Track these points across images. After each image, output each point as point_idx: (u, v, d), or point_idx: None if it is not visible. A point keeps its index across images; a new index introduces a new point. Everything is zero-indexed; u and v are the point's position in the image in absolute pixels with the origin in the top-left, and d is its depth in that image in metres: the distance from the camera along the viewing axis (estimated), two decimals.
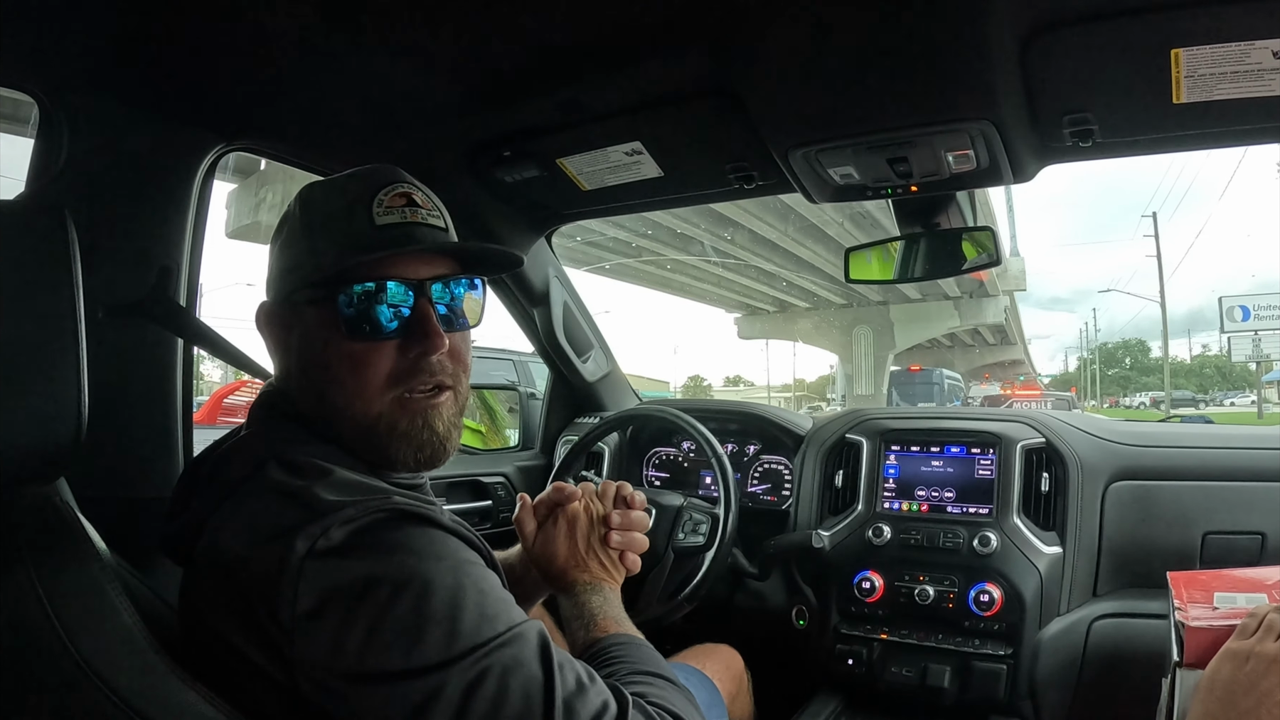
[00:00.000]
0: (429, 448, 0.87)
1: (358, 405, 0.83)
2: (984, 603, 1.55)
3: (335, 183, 0.89)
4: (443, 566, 0.72)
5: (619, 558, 1.09)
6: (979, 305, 33.35)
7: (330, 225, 0.85)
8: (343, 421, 0.84)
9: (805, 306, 38.12)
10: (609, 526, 1.09)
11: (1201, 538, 1.55)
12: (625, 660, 0.90)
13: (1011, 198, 34.98)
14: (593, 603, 1.01)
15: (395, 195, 0.86)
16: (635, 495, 1.14)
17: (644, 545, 1.12)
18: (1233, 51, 1.12)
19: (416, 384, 0.85)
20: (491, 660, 0.70)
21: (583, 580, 1.05)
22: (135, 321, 1.28)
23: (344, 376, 0.83)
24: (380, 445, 0.85)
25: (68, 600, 0.67)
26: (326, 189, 0.88)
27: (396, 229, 0.85)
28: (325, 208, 0.86)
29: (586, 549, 1.08)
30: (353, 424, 0.84)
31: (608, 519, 1.09)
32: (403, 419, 0.85)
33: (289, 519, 0.72)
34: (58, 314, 0.68)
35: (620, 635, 0.96)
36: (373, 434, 0.84)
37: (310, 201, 0.87)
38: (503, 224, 1.91)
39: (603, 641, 0.94)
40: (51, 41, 1.08)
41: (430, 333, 0.84)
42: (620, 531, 1.09)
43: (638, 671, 0.87)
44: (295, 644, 0.68)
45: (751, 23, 1.14)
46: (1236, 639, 0.86)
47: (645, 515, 1.14)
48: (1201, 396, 52.26)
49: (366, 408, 0.84)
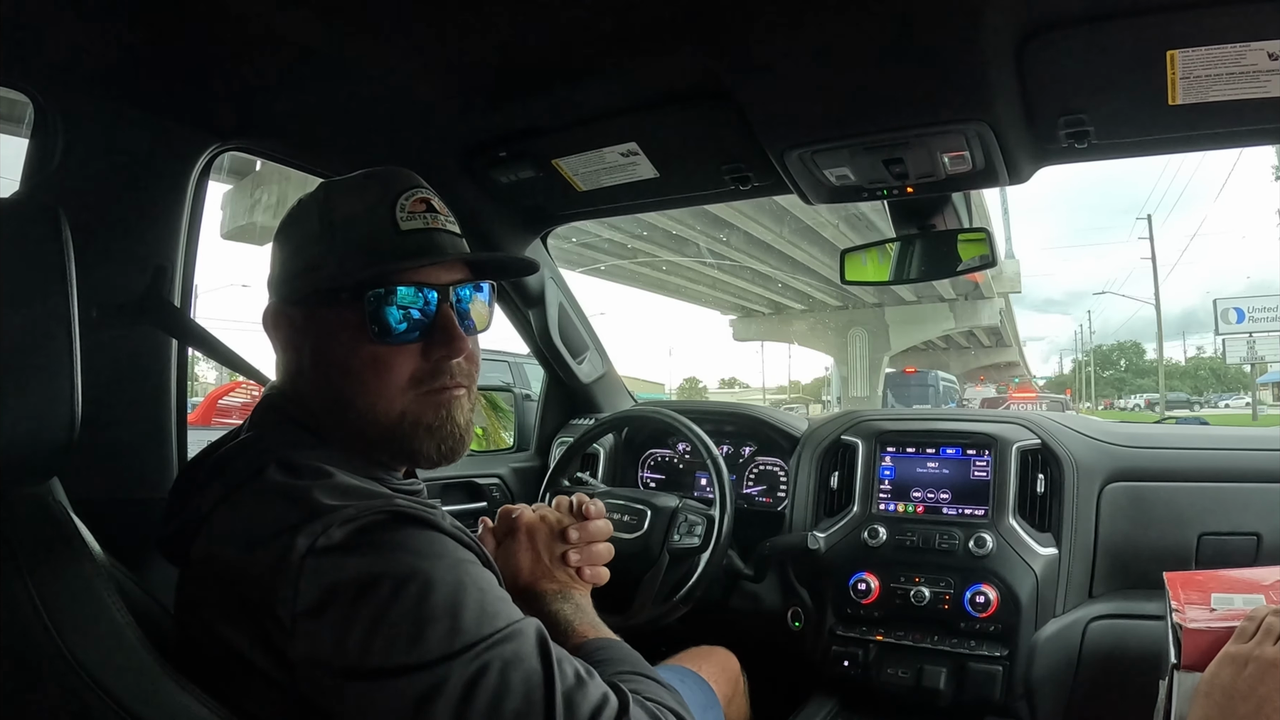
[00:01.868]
0: (451, 439, 0.88)
1: (380, 405, 0.85)
2: (980, 604, 1.55)
3: (353, 183, 0.89)
4: (443, 565, 0.72)
5: (577, 572, 1.08)
6: (974, 307, 33.38)
7: (352, 227, 0.86)
8: (362, 421, 0.85)
9: (800, 308, 38.10)
10: (566, 542, 1.08)
11: (1197, 539, 1.55)
12: (609, 662, 0.90)
13: (1006, 199, 35.07)
14: (565, 611, 1.02)
15: (416, 200, 0.87)
16: (590, 505, 1.13)
17: (606, 555, 1.11)
18: (1228, 53, 1.12)
19: (437, 385, 0.87)
20: (492, 655, 0.70)
21: (550, 590, 1.05)
22: (129, 322, 1.27)
23: (367, 378, 0.85)
24: (404, 440, 0.87)
25: (61, 601, 0.67)
26: (345, 190, 0.89)
27: (420, 235, 0.86)
28: (346, 209, 0.86)
29: (550, 558, 1.08)
30: (374, 424, 0.85)
31: (564, 534, 1.09)
32: (427, 412, 0.87)
33: (289, 518, 0.72)
34: (51, 314, 0.67)
35: (598, 639, 0.96)
36: (397, 430, 0.86)
37: (330, 202, 0.88)
38: (499, 225, 1.91)
39: (583, 647, 0.94)
40: (46, 40, 1.08)
41: (454, 336, 0.86)
42: (578, 550, 1.08)
43: (622, 672, 0.87)
44: (296, 642, 0.68)
45: (748, 24, 1.14)
46: (1235, 642, 0.86)
47: (605, 524, 1.13)
48: (1196, 398, 52.60)
49: (389, 407, 0.85)
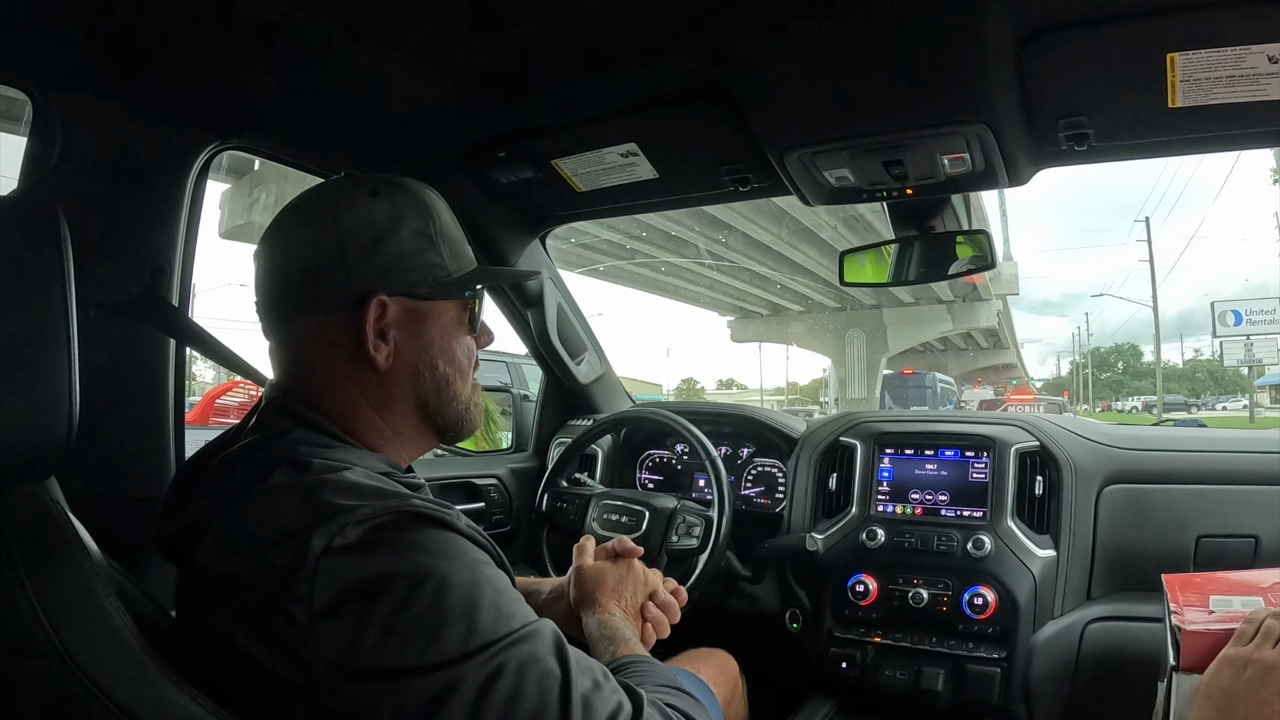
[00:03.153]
0: (479, 419, 1.01)
1: (463, 390, 0.96)
2: (978, 606, 1.55)
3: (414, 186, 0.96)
4: (459, 565, 0.72)
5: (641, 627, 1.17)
6: (972, 309, 33.42)
7: (448, 233, 0.95)
8: (453, 404, 0.95)
9: (798, 310, 38.15)
10: (652, 599, 1.19)
11: (1195, 541, 1.55)
12: (649, 675, 0.94)
13: (1005, 201, 35.12)
14: (622, 630, 1.08)
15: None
16: (683, 593, 1.24)
17: (666, 634, 1.19)
18: (1228, 56, 1.12)
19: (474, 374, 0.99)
20: (508, 655, 0.70)
21: (618, 612, 1.13)
22: (127, 320, 1.27)
23: (465, 365, 0.96)
24: (459, 419, 0.97)
25: (59, 601, 0.67)
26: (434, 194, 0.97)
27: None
28: (442, 218, 0.95)
29: (632, 593, 1.17)
30: (456, 405, 0.96)
31: (654, 594, 1.20)
32: (476, 394, 0.99)
33: (304, 519, 0.71)
34: (49, 311, 0.67)
35: (645, 657, 1.01)
36: (466, 411, 0.97)
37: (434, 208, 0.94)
38: (497, 225, 1.91)
39: (628, 658, 0.99)
40: (46, 38, 1.07)
41: (487, 331, 1.01)
42: (655, 606, 1.19)
43: (660, 684, 0.91)
44: (311, 643, 0.68)
45: (748, 25, 1.14)
46: (1234, 645, 0.86)
47: (677, 611, 1.21)
48: (1194, 401, 52.61)
49: (464, 389, 0.96)
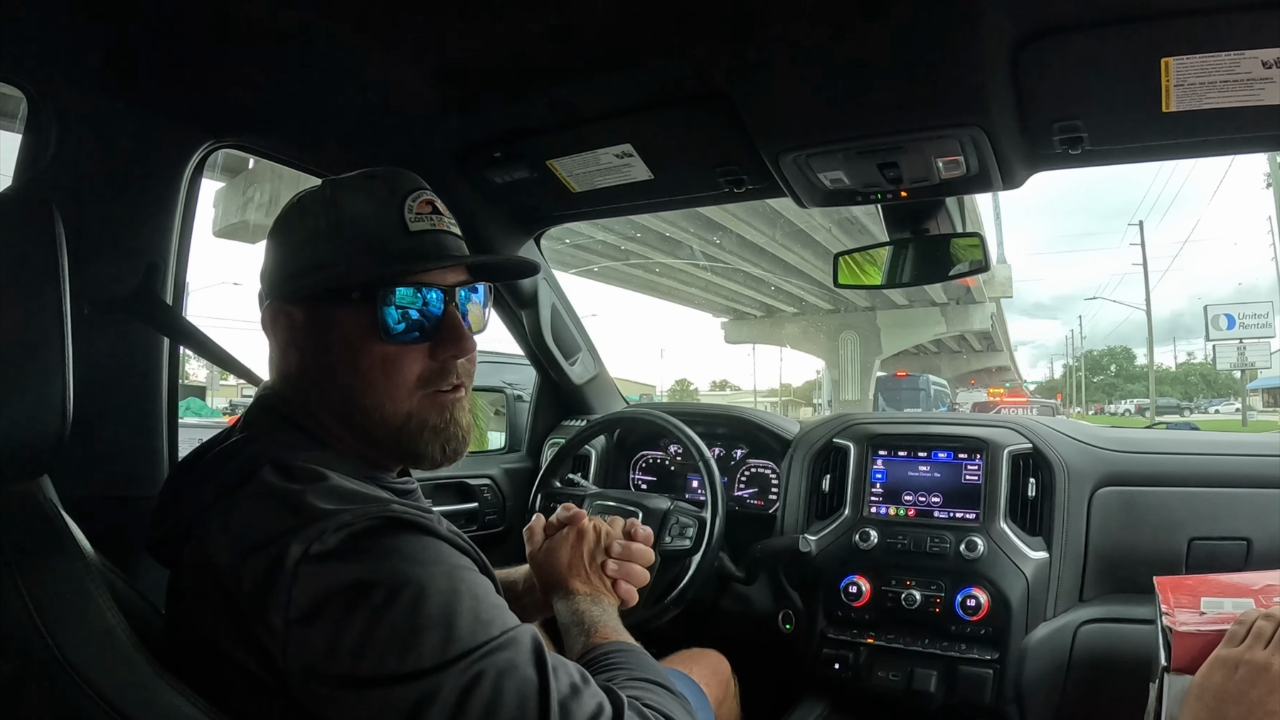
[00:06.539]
0: (454, 440, 0.90)
1: (388, 406, 0.86)
2: (970, 607, 1.56)
3: (358, 182, 0.89)
4: (437, 571, 0.72)
5: (613, 585, 1.11)
6: (965, 312, 33.50)
7: (361, 226, 0.86)
8: (369, 422, 0.86)
9: (792, 311, 38.18)
10: (609, 554, 1.12)
11: (1187, 543, 1.55)
12: (624, 667, 0.90)
13: (998, 204, 35.20)
14: (591, 612, 1.03)
15: (422, 202, 0.89)
16: (640, 530, 1.17)
17: (642, 579, 1.14)
18: (1222, 61, 1.13)
19: (443, 384, 0.88)
20: (486, 664, 0.70)
21: (582, 590, 1.08)
22: (121, 318, 1.27)
23: (376, 378, 0.85)
24: (410, 441, 0.88)
25: (51, 599, 0.67)
26: (352, 188, 0.89)
27: (428, 236, 0.88)
28: (354, 208, 0.87)
29: (590, 562, 1.11)
30: (381, 424, 0.86)
31: (609, 547, 1.12)
32: (433, 414, 0.88)
33: (283, 524, 0.71)
34: (43, 309, 0.67)
35: (619, 643, 0.97)
36: (404, 431, 0.87)
37: (336, 200, 0.88)
38: (492, 225, 1.90)
39: (601, 648, 0.95)
40: (41, 35, 1.07)
41: (463, 336, 0.88)
42: (618, 561, 1.12)
43: (636, 678, 0.88)
44: (288, 649, 0.68)
45: (743, 26, 1.14)
46: (1226, 646, 0.87)
47: (648, 551, 1.16)
48: (1186, 404, 52.78)
49: (396, 407, 0.86)
